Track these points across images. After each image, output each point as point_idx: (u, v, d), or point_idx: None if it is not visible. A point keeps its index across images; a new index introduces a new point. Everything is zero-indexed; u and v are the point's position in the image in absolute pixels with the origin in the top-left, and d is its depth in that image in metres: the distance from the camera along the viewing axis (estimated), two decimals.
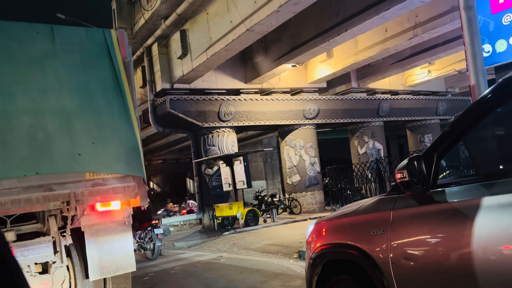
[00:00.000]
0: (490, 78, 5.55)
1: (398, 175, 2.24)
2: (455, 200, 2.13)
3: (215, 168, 15.85)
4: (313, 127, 18.12)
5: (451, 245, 2.06)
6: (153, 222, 10.33)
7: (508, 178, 1.99)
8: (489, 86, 5.00)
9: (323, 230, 2.97)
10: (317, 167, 17.98)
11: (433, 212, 2.19)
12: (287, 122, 17.40)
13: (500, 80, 2.06)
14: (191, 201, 20.50)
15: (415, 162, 2.17)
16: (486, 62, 5.53)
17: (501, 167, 2.18)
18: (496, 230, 1.89)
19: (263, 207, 15.11)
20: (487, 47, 5.92)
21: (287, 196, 17.65)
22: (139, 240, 10.19)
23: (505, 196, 1.88)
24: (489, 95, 2.09)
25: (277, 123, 17.27)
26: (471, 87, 5.20)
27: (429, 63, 17.58)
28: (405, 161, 2.24)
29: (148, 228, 10.05)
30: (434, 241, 2.19)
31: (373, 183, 17.44)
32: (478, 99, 2.16)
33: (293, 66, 14.89)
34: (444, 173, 2.31)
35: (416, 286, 2.24)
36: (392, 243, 2.29)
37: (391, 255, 2.28)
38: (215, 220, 14.63)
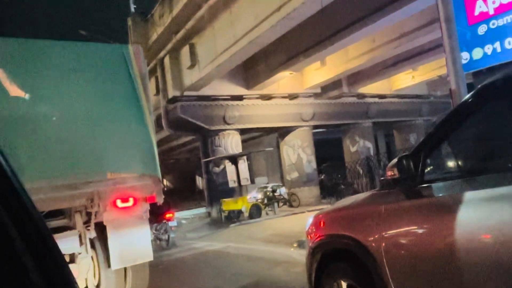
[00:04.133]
0: (468, 82, 5.54)
1: (389, 173, 2.25)
2: (440, 195, 2.13)
3: (222, 166, 15.84)
4: (310, 128, 18.13)
5: (437, 235, 2.07)
6: (167, 215, 10.29)
7: (486, 174, 1.99)
8: (468, 90, 5.01)
9: (322, 222, 2.97)
10: (314, 165, 17.97)
11: (420, 205, 2.19)
12: (286, 124, 17.39)
13: (479, 86, 2.06)
14: None
15: (404, 161, 2.17)
16: (465, 68, 5.52)
17: (480, 165, 2.18)
18: (476, 221, 1.90)
19: (266, 201, 15.09)
20: (465, 55, 5.90)
21: (286, 190, 17.62)
22: (155, 232, 10.18)
23: (484, 191, 1.88)
24: (469, 100, 2.09)
25: (277, 125, 17.26)
26: (451, 91, 5.19)
27: (413, 69, 17.54)
28: (395, 160, 2.25)
29: (163, 221, 10.04)
30: (421, 231, 2.19)
31: (364, 178, 17.45)
32: (459, 104, 2.16)
33: (290, 73, 14.87)
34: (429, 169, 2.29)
35: (406, 272, 2.24)
36: (384, 233, 2.29)
37: (383, 244, 2.29)
38: (222, 213, 14.62)
